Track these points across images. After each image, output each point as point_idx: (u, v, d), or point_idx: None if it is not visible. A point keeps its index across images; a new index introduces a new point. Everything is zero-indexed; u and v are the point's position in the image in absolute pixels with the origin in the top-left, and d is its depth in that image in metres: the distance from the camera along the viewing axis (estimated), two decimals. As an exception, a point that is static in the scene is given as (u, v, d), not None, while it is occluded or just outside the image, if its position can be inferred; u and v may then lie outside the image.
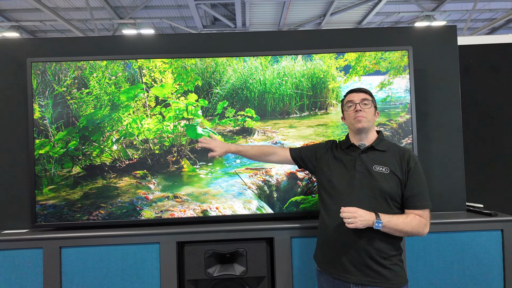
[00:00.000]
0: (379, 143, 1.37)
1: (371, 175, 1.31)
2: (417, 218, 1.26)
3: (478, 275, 1.79)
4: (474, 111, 2.29)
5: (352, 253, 1.30)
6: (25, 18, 8.37)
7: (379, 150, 1.36)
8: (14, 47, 2.06)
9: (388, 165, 1.31)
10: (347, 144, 1.42)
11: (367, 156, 1.35)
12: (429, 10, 8.18)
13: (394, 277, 1.28)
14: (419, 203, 1.28)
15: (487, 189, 2.29)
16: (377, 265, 1.27)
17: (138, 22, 8.39)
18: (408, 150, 1.36)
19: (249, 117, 1.98)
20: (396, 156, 1.33)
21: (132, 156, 1.94)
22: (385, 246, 1.28)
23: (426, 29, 2.17)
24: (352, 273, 1.29)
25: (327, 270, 1.37)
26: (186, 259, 1.78)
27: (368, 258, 1.28)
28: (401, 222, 1.24)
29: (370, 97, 1.41)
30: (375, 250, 1.28)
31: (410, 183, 1.29)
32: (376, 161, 1.33)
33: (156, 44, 2.13)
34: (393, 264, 1.29)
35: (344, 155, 1.40)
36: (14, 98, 2.02)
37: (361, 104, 1.36)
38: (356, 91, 1.42)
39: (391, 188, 1.28)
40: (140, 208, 1.91)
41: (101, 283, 1.76)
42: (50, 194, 1.90)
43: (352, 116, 1.37)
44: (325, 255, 1.39)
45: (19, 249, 1.76)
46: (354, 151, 1.38)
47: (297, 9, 7.77)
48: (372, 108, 1.39)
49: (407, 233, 1.25)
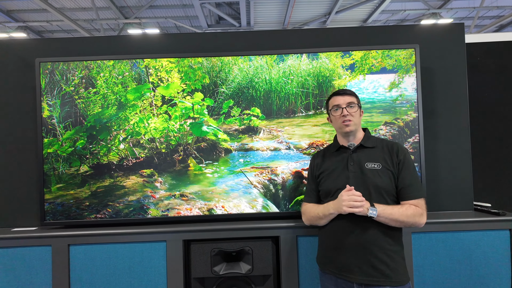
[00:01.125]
0: (367, 140, 1.41)
1: (364, 173, 1.34)
2: (412, 207, 1.29)
3: (486, 274, 1.77)
4: (481, 109, 2.27)
5: (355, 253, 1.31)
6: (32, 19, 8.46)
7: (369, 147, 1.39)
8: (23, 47, 2.09)
9: (379, 161, 1.35)
10: (336, 147, 1.46)
11: (358, 155, 1.39)
12: (435, 7, 8.10)
13: (397, 275, 1.29)
14: (413, 193, 1.31)
15: (495, 189, 2.27)
16: (381, 264, 1.28)
17: (143, 21, 8.43)
18: (396, 143, 1.40)
19: (254, 116, 1.99)
20: (385, 151, 1.37)
21: (139, 155, 1.96)
22: (386, 241, 1.30)
23: (432, 27, 2.16)
24: (356, 273, 1.30)
25: (331, 270, 1.37)
26: (193, 257, 1.80)
27: (372, 257, 1.29)
28: (396, 211, 1.26)
29: (355, 98, 1.44)
30: (377, 248, 1.29)
31: (401, 174, 1.32)
32: (367, 158, 1.36)
33: (162, 43, 2.15)
34: (396, 262, 1.30)
35: (336, 158, 1.44)
36: (23, 98, 2.05)
37: (347, 108, 1.39)
38: (341, 94, 1.43)
39: (384, 183, 1.32)
40: (147, 207, 1.93)
41: (109, 280, 1.78)
42: (58, 193, 1.92)
43: (340, 121, 1.40)
44: (328, 256, 1.40)
45: (28, 247, 1.78)
46: (345, 152, 1.42)
47: (302, 7, 7.75)
48: (358, 110, 1.42)
49: (403, 222, 1.27)
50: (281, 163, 1.96)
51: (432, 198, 2.02)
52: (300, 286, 1.79)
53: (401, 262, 1.33)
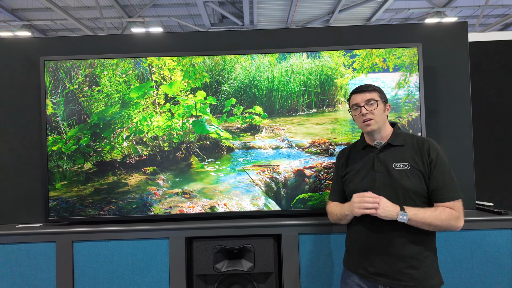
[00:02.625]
0: (395, 138, 1.31)
1: (391, 174, 1.25)
2: (447, 211, 1.19)
3: (487, 274, 1.77)
4: (484, 109, 2.26)
5: (383, 257, 1.25)
6: (36, 17, 8.51)
7: (397, 146, 1.30)
8: (27, 46, 2.11)
9: (408, 161, 1.25)
10: (363, 145, 1.38)
11: (385, 155, 1.29)
12: (439, 6, 8.05)
13: (427, 279, 1.22)
14: (447, 195, 1.21)
15: (497, 188, 2.26)
16: (409, 269, 1.22)
17: (147, 20, 8.46)
18: (428, 140, 1.29)
19: (256, 115, 1.99)
20: (415, 149, 1.27)
21: (142, 152, 1.97)
22: (416, 248, 1.22)
23: (436, 26, 2.15)
24: (383, 276, 1.24)
25: (357, 272, 1.32)
26: (195, 254, 1.81)
27: (401, 262, 1.22)
28: (429, 215, 1.17)
29: (376, 93, 1.33)
30: (407, 253, 1.22)
31: (434, 175, 1.22)
32: (395, 158, 1.27)
33: (165, 42, 2.16)
34: (426, 266, 1.23)
35: (362, 157, 1.35)
36: (28, 96, 2.07)
37: (366, 106, 1.29)
38: (359, 92, 1.34)
39: (413, 185, 1.23)
40: (149, 204, 1.94)
41: (112, 277, 1.80)
42: (62, 190, 1.94)
43: (360, 120, 1.32)
44: (355, 258, 1.34)
45: (33, 243, 1.81)
46: (371, 151, 1.33)
47: (305, 6, 7.73)
48: (380, 105, 1.31)
49: (437, 226, 1.18)
50: (283, 162, 1.97)
51: (434, 197, 2.02)
52: (301, 284, 1.80)
53: (431, 265, 1.24)
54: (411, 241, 1.22)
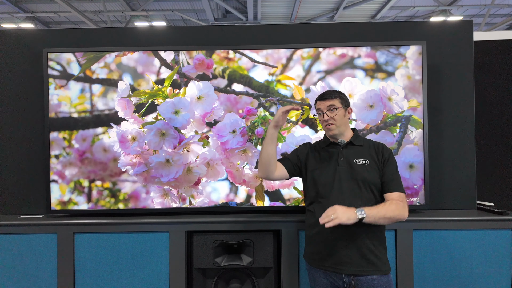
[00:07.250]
0: (356, 139, 1.47)
1: (353, 168, 1.41)
2: (394, 202, 1.34)
3: (486, 274, 1.78)
4: (488, 108, 2.25)
5: (347, 245, 1.36)
6: (40, 9, 8.49)
7: (357, 145, 1.46)
8: (31, 38, 2.11)
9: (367, 157, 1.43)
10: (327, 143, 1.50)
11: (347, 151, 1.45)
12: (445, 4, 7.98)
13: (382, 264, 1.37)
14: (395, 186, 1.39)
15: (498, 188, 2.25)
16: (371, 254, 1.35)
17: (150, 14, 8.42)
18: (381, 144, 1.49)
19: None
20: (372, 149, 1.45)
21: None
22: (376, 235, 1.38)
23: (441, 24, 2.13)
24: (347, 265, 1.35)
25: (321, 265, 1.41)
26: (195, 248, 1.82)
27: (364, 248, 1.35)
28: (381, 208, 1.31)
29: (338, 100, 1.43)
30: (367, 237, 1.35)
31: (386, 170, 1.42)
32: (356, 155, 1.43)
33: (168, 36, 2.15)
34: (381, 252, 1.39)
35: (326, 153, 1.48)
36: (31, 87, 2.08)
37: (328, 113, 1.42)
38: (322, 99, 1.45)
39: (372, 177, 1.39)
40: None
41: (112, 269, 1.82)
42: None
43: (324, 125, 1.46)
44: (317, 251, 1.42)
45: (34, 234, 1.82)
46: (335, 148, 1.47)
47: (309, 2, 7.67)
48: (341, 111, 1.42)
49: (390, 218, 1.31)
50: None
51: (435, 196, 2.02)
52: (300, 278, 1.81)
53: (384, 253, 1.41)
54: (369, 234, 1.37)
